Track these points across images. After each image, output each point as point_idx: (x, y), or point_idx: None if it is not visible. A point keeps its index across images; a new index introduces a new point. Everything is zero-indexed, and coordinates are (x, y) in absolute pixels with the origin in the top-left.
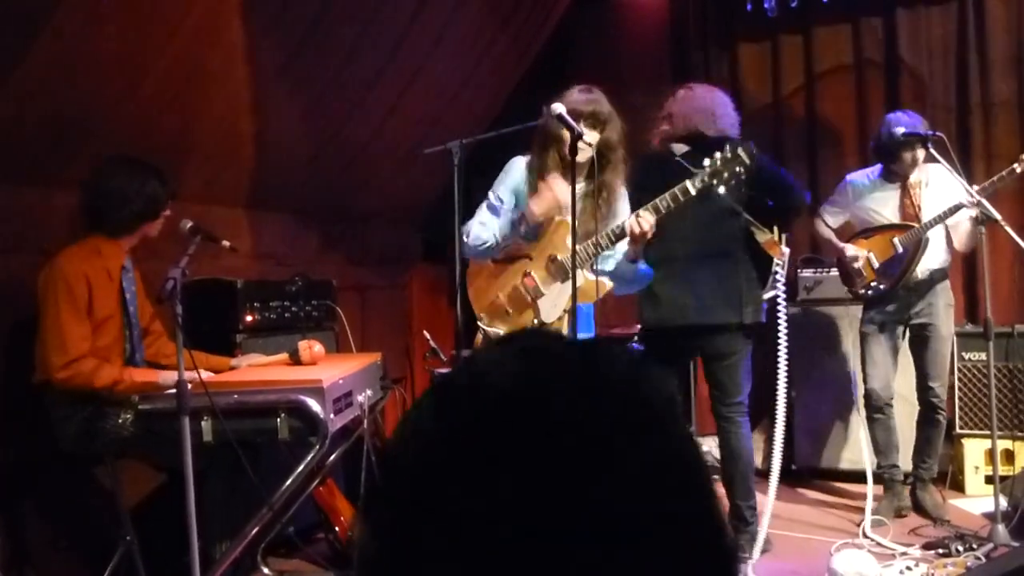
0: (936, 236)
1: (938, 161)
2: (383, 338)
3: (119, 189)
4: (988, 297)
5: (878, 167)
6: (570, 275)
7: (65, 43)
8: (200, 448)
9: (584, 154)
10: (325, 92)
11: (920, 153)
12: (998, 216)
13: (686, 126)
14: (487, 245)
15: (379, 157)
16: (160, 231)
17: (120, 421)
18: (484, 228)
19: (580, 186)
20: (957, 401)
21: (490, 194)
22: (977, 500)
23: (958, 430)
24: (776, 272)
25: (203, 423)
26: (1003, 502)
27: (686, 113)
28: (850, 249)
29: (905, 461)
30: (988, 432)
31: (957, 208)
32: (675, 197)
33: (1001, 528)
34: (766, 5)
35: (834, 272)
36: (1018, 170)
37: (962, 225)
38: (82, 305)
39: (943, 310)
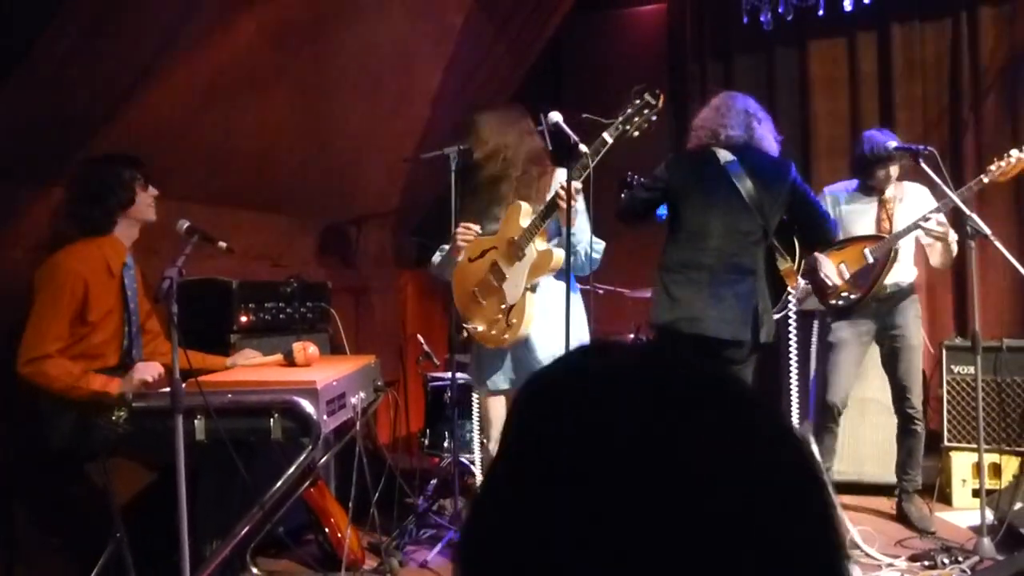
0: (906, 249)
1: (924, 174)
2: (377, 341)
3: (85, 191)
4: (977, 311)
5: (855, 182)
6: (524, 253)
7: (66, 44)
8: (193, 447)
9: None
10: (323, 95)
11: (894, 170)
12: (987, 231)
13: (728, 134)
14: (435, 264)
15: (375, 160)
16: (157, 218)
17: (113, 419)
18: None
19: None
20: (945, 414)
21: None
22: (964, 513)
23: (946, 443)
24: (787, 298)
25: (196, 422)
26: (989, 515)
27: (723, 122)
28: (825, 263)
29: (890, 473)
30: (976, 445)
31: (913, 228)
32: (597, 151)
33: (987, 541)
34: (762, 18)
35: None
36: (985, 180)
37: (936, 244)
38: (70, 305)
39: (912, 321)
